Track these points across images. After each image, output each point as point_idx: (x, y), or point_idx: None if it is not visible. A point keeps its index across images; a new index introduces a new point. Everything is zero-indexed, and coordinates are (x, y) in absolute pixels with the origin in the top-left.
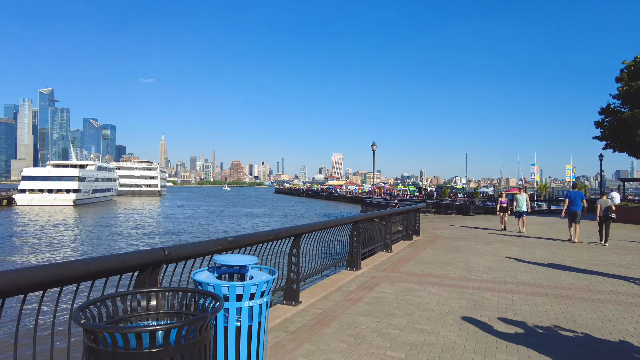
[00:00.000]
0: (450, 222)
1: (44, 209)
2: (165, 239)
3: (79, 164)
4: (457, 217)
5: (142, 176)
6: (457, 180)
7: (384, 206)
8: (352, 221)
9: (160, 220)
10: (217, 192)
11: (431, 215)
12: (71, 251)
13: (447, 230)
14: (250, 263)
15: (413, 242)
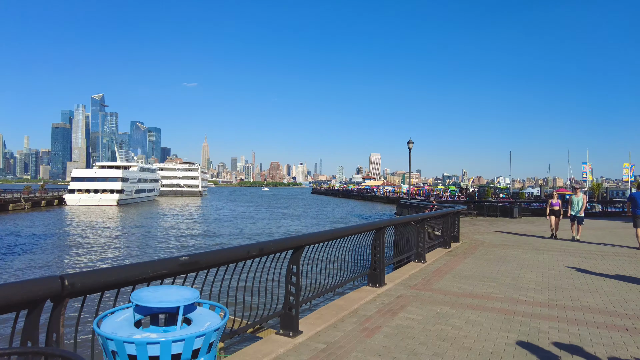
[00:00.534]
0: (493, 225)
1: (89, 209)
2: (196, 241)
3: (123, 166)
4: (501, 220)
5: (183, 177)
6: (501, 180)
7: (420, 208)
8: (375, 228)
9: (196, 221)
10: (255, 192)
11: (473, 217)
12: (96, 254)
13: (490, 235)
14: (190, 300)
15: (451, 250)
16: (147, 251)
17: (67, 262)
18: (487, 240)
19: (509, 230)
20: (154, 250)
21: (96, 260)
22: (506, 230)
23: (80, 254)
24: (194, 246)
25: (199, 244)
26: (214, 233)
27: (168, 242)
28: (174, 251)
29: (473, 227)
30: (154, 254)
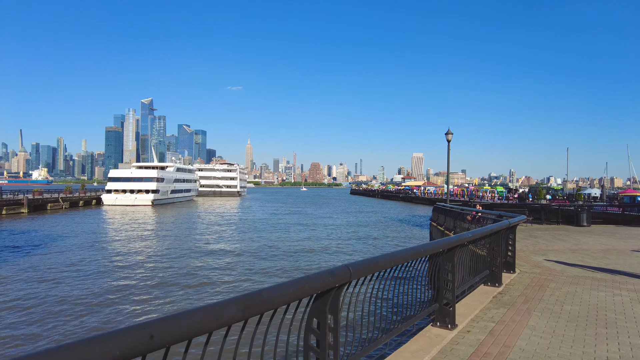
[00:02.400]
0: (557, 238)
1: (124, 209)
2: (212, 258)
3: (160, 166)
4: (565, 230)
5: (222, 177)
6: (552, 180)
7: (460, 214)
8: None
9: (224, 227)
10: (294, 192)
11: (527, 226)
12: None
13: (559, 256)
14: None
15: (502, 292)
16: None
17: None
18: (558, 268)
19: (583, 247)
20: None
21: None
22: (578, 246)
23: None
24: (209, 265)
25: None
26: (233, 250)
27: (176, 260)
28: (175, 273)
29: (531, 241)
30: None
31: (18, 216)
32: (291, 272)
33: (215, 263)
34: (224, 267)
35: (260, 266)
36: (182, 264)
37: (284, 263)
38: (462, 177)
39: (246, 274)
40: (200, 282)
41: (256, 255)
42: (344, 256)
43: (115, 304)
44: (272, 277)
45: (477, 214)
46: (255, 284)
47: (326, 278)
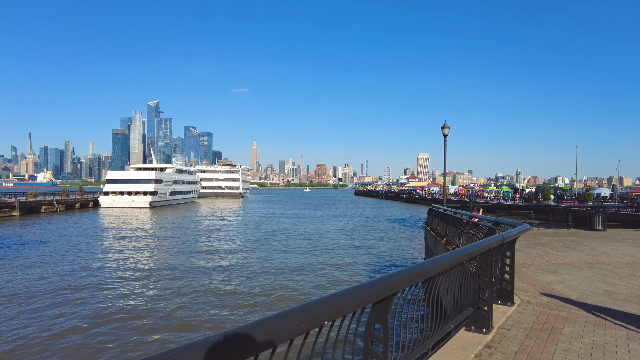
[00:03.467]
0: (569, 245)
1: (121, 211)
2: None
3: (159, 167)
4: (577, 235)
5: (225, 179)
6: (560, 180)
7: (453, 219)
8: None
9: (220, 230)
10: (297, 193)
11: (534, 230)
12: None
13: (574, 272)
14: None
15: (489, 343)
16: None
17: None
18: (574, 295)
19: (603, 259)
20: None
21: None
22: (596, 258)
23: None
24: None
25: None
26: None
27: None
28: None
29: (537, 251)
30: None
31: (8, 220)
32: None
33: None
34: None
35: (224, 288)
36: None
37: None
38: (469, 177)
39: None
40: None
41: (228, 273)
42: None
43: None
44: (234, 310)
45: (470, 220)
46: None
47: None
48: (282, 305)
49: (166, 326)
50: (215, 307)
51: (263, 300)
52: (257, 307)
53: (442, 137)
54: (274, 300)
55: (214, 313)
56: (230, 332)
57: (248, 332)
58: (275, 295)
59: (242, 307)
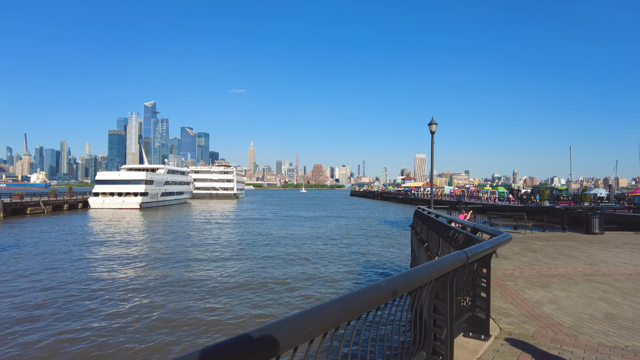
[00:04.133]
0: (563, 252)
1: (111, 212)
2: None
3: (150, 168)
4: (573, 239)
5: (219, 179)
6: (556, 180)
7: (435, 225)
8: None
9: (208, 233)
10: (293, 194)
11: (526, 233)
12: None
13: (568, 287)
14: None
15: None
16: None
17: None
18: (568, 322)
19: (602, 268)
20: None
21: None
22: (594, 267)
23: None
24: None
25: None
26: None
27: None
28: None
29: (528, 259)
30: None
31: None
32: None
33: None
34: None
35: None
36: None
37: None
38: (466, 177)
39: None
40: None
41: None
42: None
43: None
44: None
45: (450, 224)
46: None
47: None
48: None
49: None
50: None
51: (194, 332)
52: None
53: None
54: (217, 329)
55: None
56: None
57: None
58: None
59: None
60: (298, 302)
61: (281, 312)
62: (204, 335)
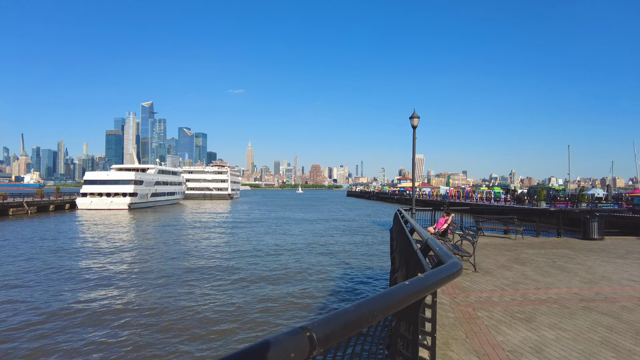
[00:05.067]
0: (557, 264)
1: (98, 213)
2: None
3: (141, 168)
4: (569, 246)
5: (213, 180)
6: (554, 180)
7: (401, 233)
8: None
9: (190, 237)
10: (290, 195)
11: (517, 239)
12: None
13: (559, 320)
14: None
15: None
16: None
17: None
18: None
19: (604, 289)
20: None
21: None
22: (594, 287)
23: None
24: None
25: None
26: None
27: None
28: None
29: (513, 273)
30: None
31: None
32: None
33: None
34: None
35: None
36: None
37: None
38: (463, 178)
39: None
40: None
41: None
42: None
43: None
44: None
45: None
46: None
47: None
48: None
49: None
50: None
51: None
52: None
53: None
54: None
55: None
56: None
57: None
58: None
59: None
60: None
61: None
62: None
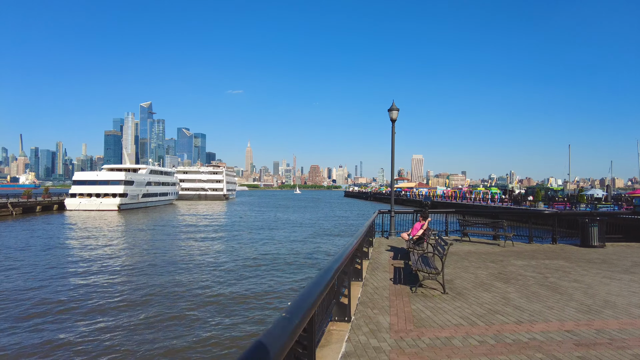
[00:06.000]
0: (548, 281)
1: (87, 214)
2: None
3: (132, 168)
4: (565, 256)
5: (208, 180)
6: (552, 181)
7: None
8: None
9: (176, 239)
10: (287, 195)
11: (507, 246)
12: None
13: None
14: None
15: None
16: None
17: None
18: None
19: (608, 325)
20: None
21: None
22: (594, 321)
23: None
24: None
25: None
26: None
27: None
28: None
29: (492, 296)
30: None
31: None
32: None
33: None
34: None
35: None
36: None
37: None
38: (462, 178)
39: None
40: None
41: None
42: None
43: None
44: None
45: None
46: None
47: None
48: None
49: None
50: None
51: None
52: None
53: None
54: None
55: None
56: None
57: None
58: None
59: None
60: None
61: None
62: None
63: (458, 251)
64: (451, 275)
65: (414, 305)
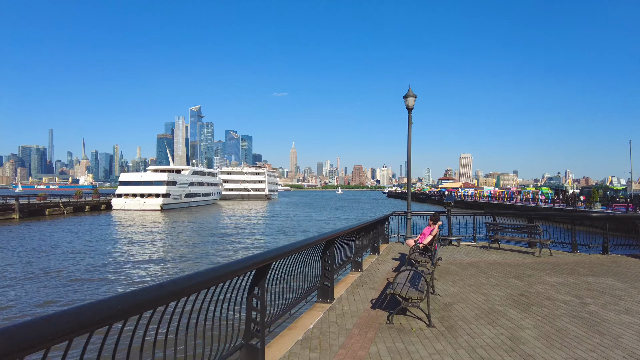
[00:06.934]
0: (586, 309)
1: (131, 214)
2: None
3: (174, 169)
4: (617, 271)
5: (251, 180)
6: (611, 179)
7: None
8: None
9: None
10: (329, 195)
11: (543, 256)
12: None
13: None
14: None
15: None
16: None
17: None
18: None
19: None
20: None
21: None
22: None
23: None
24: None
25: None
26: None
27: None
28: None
29: (498, 333)
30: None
31: (7, 223)
32: None
33: None
34: None
35: None
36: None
37: None
38: (513, 178)
39: None
40: None
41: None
42: None
43: None
44: None
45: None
46: None
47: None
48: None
49: None
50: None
51: None
52: None
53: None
54: None
55: None
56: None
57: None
58: None
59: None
60: None
61: None
62: None
63: (479, 262)
64: (454, 297)
65: (377, 346)
